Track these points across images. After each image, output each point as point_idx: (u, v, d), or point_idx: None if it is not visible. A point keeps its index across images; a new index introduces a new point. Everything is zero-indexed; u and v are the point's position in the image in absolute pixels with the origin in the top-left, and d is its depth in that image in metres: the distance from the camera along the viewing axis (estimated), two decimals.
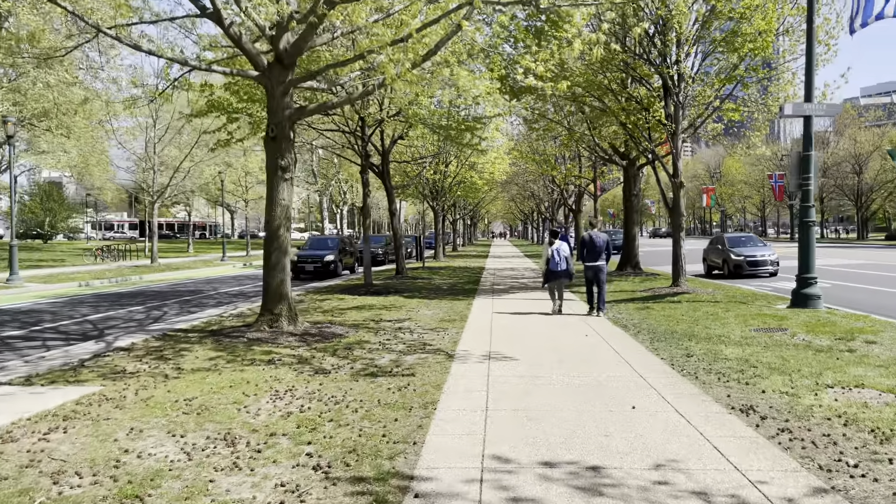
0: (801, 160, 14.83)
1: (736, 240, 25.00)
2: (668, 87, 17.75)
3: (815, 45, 14.84)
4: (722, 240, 25.07)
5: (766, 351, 9.07)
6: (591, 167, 31.23)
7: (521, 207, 71.26)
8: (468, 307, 14.94)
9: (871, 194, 70.44)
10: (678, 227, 18.10)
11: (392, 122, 22.99)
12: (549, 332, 11.00)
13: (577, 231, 37.01)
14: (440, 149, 26.54)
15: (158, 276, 28.91)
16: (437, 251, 39.05)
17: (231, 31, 10.24)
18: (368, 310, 14.36)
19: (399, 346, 9.72)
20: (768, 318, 12.61)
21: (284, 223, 10.66)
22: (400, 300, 16.39)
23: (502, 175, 38.87)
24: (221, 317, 13.52)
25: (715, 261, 24.61)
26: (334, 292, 18.51)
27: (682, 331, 11.12)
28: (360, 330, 11.26)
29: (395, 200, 24.33)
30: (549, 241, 14.02)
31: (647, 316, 13.19)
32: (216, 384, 7.33)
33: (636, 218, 24.12)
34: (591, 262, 13.56)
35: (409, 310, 14.36)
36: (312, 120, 20.39)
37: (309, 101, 15.88)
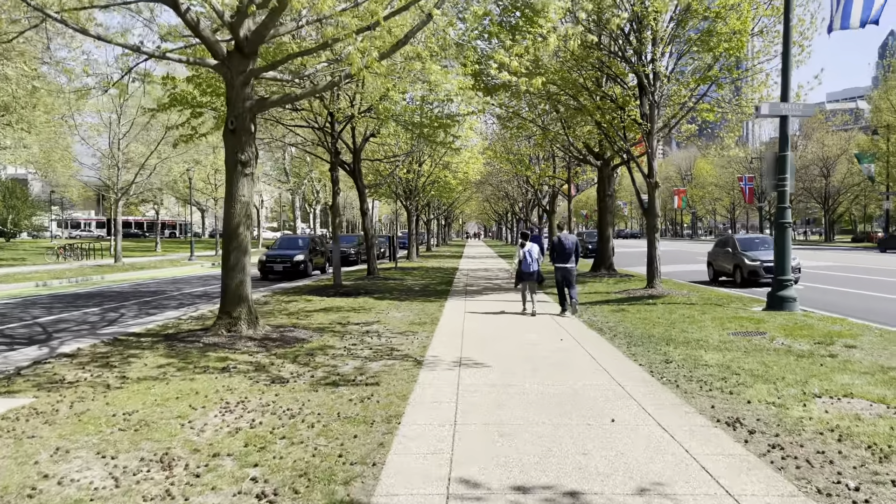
0: (777, 160, 14.61)
1: (749, 242, 21.66)
2: (644, 85, 17.46)
3: (797, 38, 14.63)
4: (732, 242, 21.82)
5: (747, 357, 8.72)
6: (565, 168, 30.93)
7: (496, 208, 71.01)
8: (440, 309, 14.45)
9: (839, 197, 71.48)
10: (653, 228, 17.82)
11: (363, 119, 22.44)
12: (522, 336, 10.56)
13: (550, 231, 36.74)
14: (413, 147, 26.02)
15: (121, 275, 27.95)
16: (411, 251, 38.50)
17: (188, 16, 9.62)
18: (336, 312, 13.79)
19: (365, 351, 9.19)
20: (745, 321, 12.33)
21: (244, 221, 10.07)
22: (370, 302, 15.85)
23: (476, 175, 38.47)
24: (179, 320, 12.85)
25: (724, 266, 21.78)
26: (302, 293, 17.89)
27: (659, 334, 10.76)
28: (325, 334, 10.70)
29: (366, 199, 23.76)
30: (521, 242, 14.02)
31: (623, 318, 12.83)
32: (161, 395, 6.73)
33: (610, 219, 23.86)
34: (561, 263, 13.61)
35: (379, 312, 13.83)
36: (281, 115, 19.75)
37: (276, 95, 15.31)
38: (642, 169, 18.03)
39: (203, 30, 9.77)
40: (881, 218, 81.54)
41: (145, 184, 37.34)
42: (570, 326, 11.83)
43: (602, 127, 18.05)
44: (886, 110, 52.58)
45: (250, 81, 9.93)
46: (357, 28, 8.90)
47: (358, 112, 17.78)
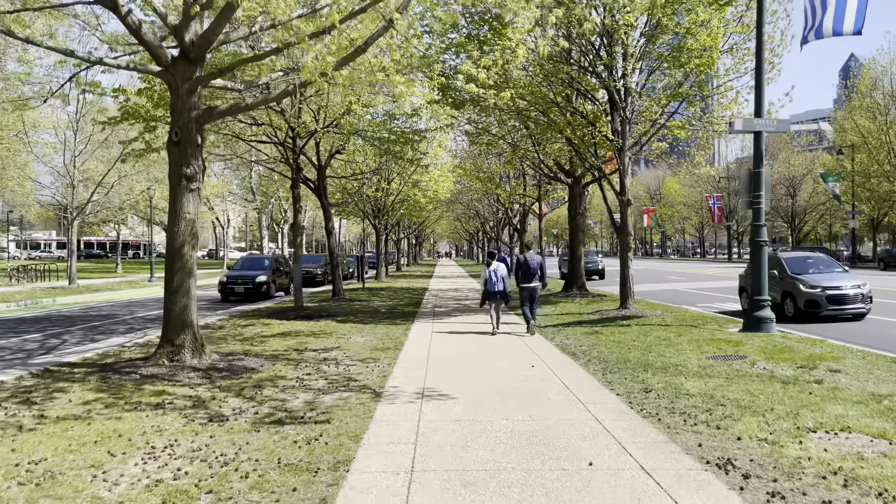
0: (752, 177, 14.25)
1: (801, 262, 16.99)
2: (615, 101, 17.08)
3: (767, 55, 14.35)
4: (777, 262, 16.83)
5: (730, 384, 8.15)
6: (535, 186, 30.53)
7: (467, 227, 70.58)
8: (405, 333, 13.71)
9: (805, 216, 72.52)
10: (626, 247, 17.35)
11: (329, 135, 21.76)
12: (492, 363, 9.87)
13: (522, 250, 36.28)
14: (381, 164, 25.38)
15: (74, 298, 26.66)
16: (379, 271, 37.67)
17: (129, 19, 8.88)
18: (294, 337, 12.96)
19: (319, 382, 8.41)
20: (723, 344, 11.82)
21: (189, 240, 9.26)
22: (331, 325, 15.04)
23: (446, 193, 37.94)
24: (123, 347, 11.91)
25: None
26: (261, 316, 17.00)
27: (636, 359, 10.16)
28: (279, 362, 9.89)
29: (331, 218, 22.99)
30: (487, 262, 14.02)
31: (597, 342, 12.23)
32: (79, 439, 5.90)
33: (581, 237, 23.40)
34: (526, 283, 13.62)
35: (340, 337, 13.04)
36: (241, 130, 18.97)
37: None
38: (614, 186, 17.60)
39: (145, 34, 9.03)
40: (846, 237, 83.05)
41: (104, 203, 36.05)
42: (541, 351, 11.18)
43: (573, 143, 17.60)
44: (851, 130, 53.43)
45: (197, 90, 9.19)
46: (311, 32, 8.24)
47: (321, 127, 17.08)
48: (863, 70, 52.67)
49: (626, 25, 15.63)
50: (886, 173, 50.54)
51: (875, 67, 51.13)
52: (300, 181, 17.32)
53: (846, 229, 77.41)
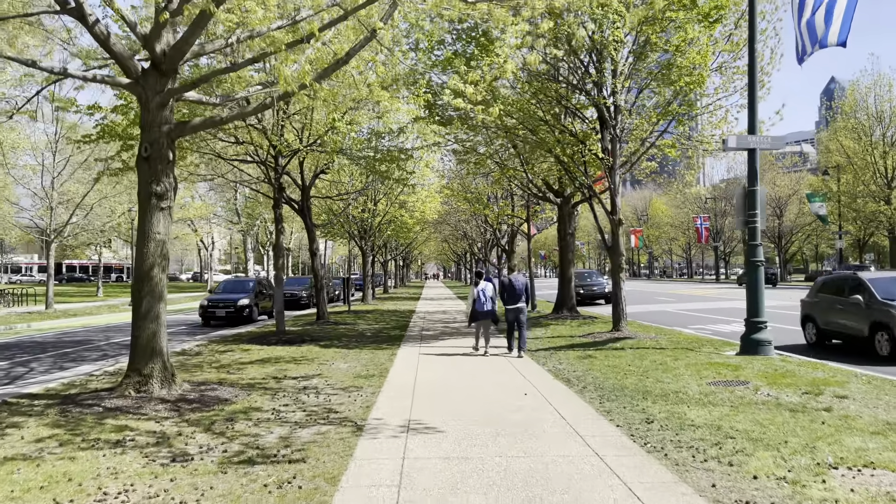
0: (747, 195, 13.90)
1: (892, 284, 13.07)
2: (605, 119, 16.75)
3: (758, 73, 14.07)
4: (861, 286, 13.33)
5: (736, 413, 7.65)
6: (523, 206, 30.15)
7: (455, 248, 70.12)
8: (391, 358, 13.13)
9: (791, 237, 72.75)
10: (618, 268, 16.91)
11: (313, 154, 21.31)
12: (482, 391, 9.32)
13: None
14: (367, 184, 24.92)
15: (50, 323, 25.84)
16: (366, 293, 37.00)
17: (96, 29, 8.39)
18: (273, 364, 12.34)
19: (297, 414, 7.82)
20: (722, 368, 11.35)
21: (159, 262, 8.69)
22: (314, 350, 14.42)
23: (434, 214, 37.51)
24: (91, 376, 11.25)
25: (845, 325, 13.71)
26: (241, 342, 16.35)
27: (633, 385, 9.65)
28: (255, 392, 9.28)
29: (316, 239, 22.44)
30: (475, 281, 13.98)
31: (591, 367, 11.71)
32: (24, 484, 5.28)
33: (571, 258, 22.97)
34: (511, 304, 13.44)
35: (322, 363, 12.43)
36: (223, 149, 18.45)
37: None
38: (605, 206, 17.20)
39: (114, 45, 8.53)
40: (832, 258, 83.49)
41: (84, 225, 35.29)
42: (533, 377, 10.64)
43: (562, 162, 17.22)
44: (836, 151, 53.71)
45: (168, 103, 8.68)
46: (289, 42, 7.78)
47: (304, 146, 16.61)
48: (847, 90, 53.08)
49: (614, 41, 15.34)
50: (872, 193, 50.74)
51: (859, 88, 51.57)
52: (283, 201, 16.78)
53: (832, 250, 77.82)
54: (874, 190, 50.49)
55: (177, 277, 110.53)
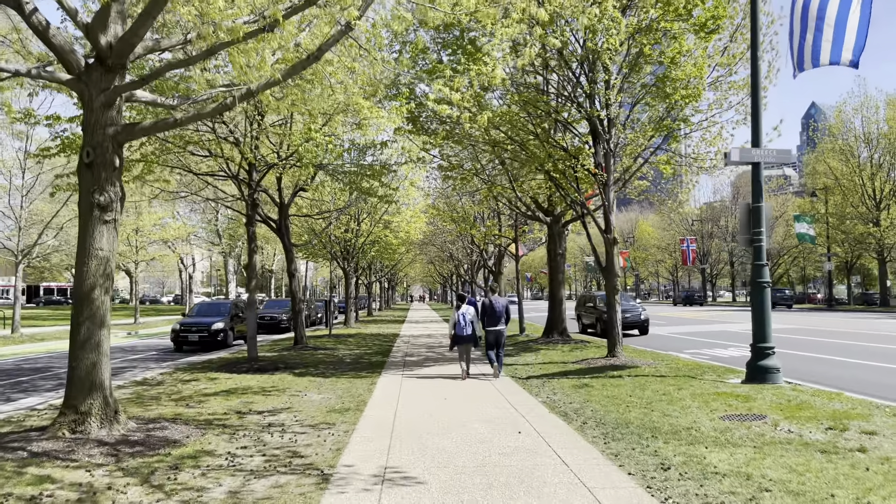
0: (752, 212, 13.06)
1: None
2: (598, 132, 15.92)
3: (761, 83, 13.30)
4: None
5: (763, 456, 6.65)
6: (511, 226, 29.27)
7: (440, 270, 69.03)
8: (370, 388, 12.03)
9: (779, 258, 72.41)
10: (613, 290, 15.96)
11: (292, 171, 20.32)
12: (470, 428, 8.25)
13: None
14: (349, 202, 23.93)
15: (13, 348, 24.42)
16: (349, 317, 35.78)
17: (34, 19, 7.38)
18: (240, 395, 11.19)
19: (255, 459, 6.72)
20: (731, 399, 10.38)
21: (101, 283, 7.60)
22: (287, 380, 13.28)
23: (419, 234, 36.53)
24: (32, 410, 10.05)
25: None
26: (210, 369, 15.16)
27: (639, 420, 8.64)
28: (212, 430, 8.15)
29: (294, 260, 21.35)
30: (457, 304, 13.96)
31: (589, 397, 10.69)
32: None
33: (562, 279, 22.01)
34: (491, 326, 13.58)
35: (294, 394, 11.30)
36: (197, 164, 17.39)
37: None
38: (598, 224, 16.30)
39: (53, 36, 7.52)
40: (818, 279, 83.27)
41: (55, 246, 33.95)
42: (526, 410, 9.59)
43: (553, 178, 16.33)
44: (823, 173, 53.51)
45: (115, 102, 7.66)
46: (250, 31, 6.81)
47: (281, 160, 15.62)
48: (834, 112, 53.00)
49: (608, 50, 14.56)
50: (861, 215, 50.45)
51: (846, 110, 51.51)
52: (255, 219, 15.71)
53: (819, 272, 77.65)
54: (863, 212, 50.22)
55: (158, 300, 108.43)
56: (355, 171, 15.93)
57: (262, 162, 15.81)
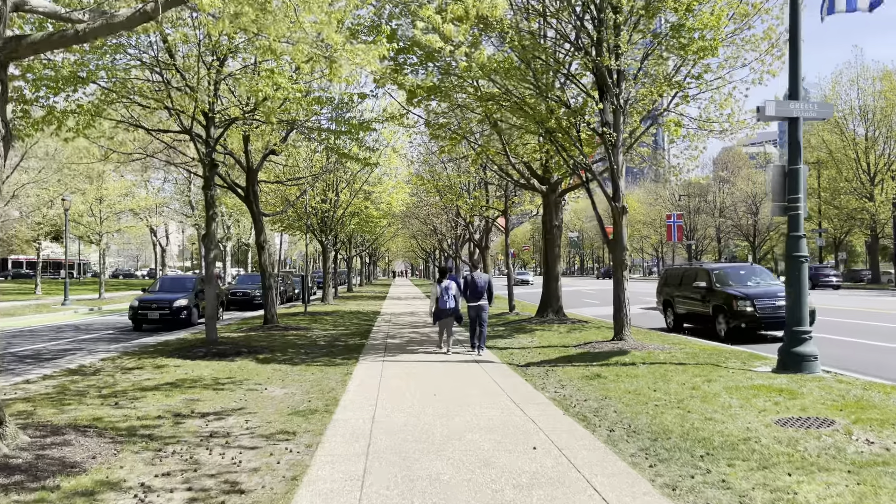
0: (788, 176, 11.27)
1: None
2: (606, 86, 13.99)
3: (801, 23, 11.40)
4: None
5: (874, 491, 4.91)
6: (499, 197, 27.35)
7: (423, 245, 66.96)
8: (345, 379, 10.18)
9: (767, 234, 71.38)
10: (621, 265, 14.19)
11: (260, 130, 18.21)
12: (470, 443, 6.41)
13: (485, 269, 32.98)
14: (325, 167, 21.88)
15: None
16: (326, 292, 33.74)
17: None
18: (186, 389, 9.27)
19: (175, 497, 4.84)
20: (773, 395, 8.70)
21: None
22: (248, 368, 11.38)
23: (401, 206, 34.52)
24: None
25: None
26: (162, 354, 13.21)
27: (678, 427, 6.89)
28: (131, 445, 6.23)
29: (263, 230, 19.32)
30: (438, 279, 13.67)
31: (606, 392, 8.93)
32: None
33: (558, 252, 20.18)
34: (473, 301, 13.39)
35: (252, 388, 9.42)
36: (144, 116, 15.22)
37: None
38: (605, 190, 14.45)
39: None
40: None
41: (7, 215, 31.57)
42: (535, 411, 7.79)
43: (554, 139, 14.40)
44: (816, 146, 52.10)
45: None
46: None
47: (243, 113, 13.53)
48: (831, 82, 51.40)
49: None
50: (855, 189, 49.21)
51: (841, 81, 49.94)
52: (213, 182, 13.64)
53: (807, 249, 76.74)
54: (857, 186, 48.98)
55: (132, 274, 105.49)
56: (331, 129, 13.93)
57: (221, 116, 13.73)
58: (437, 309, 13.21)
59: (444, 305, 13.08)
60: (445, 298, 13.08)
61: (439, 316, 13.26)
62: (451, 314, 13.22)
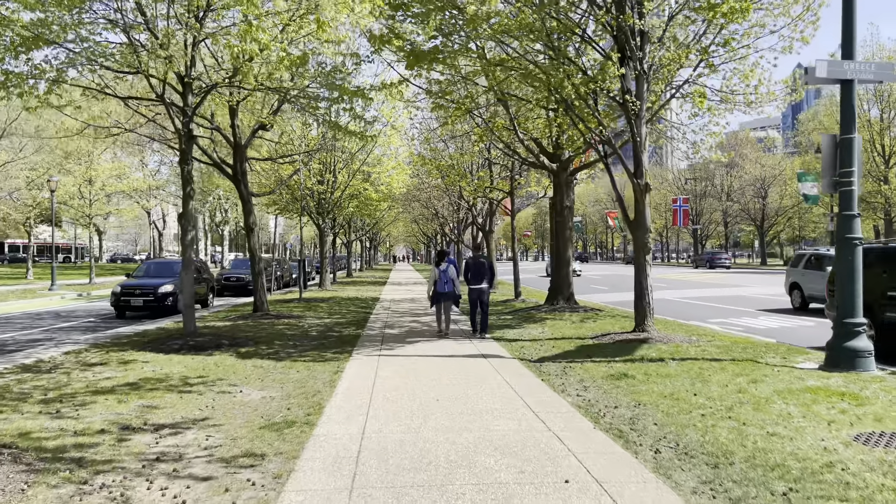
0: (840, 146, 9.89)
1: None
2: (628, 49, 12.53)
3: None
4: None
5: None
6: (505, 177, 25.91)
7: (424, 229, 65.41)
8: (334, 378, 8.86)
9: (776, 218, 69.86)
10: (643, 248, 12.82)
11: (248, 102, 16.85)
12: (482, 472, 5.06)
13: (490, 254, 31.60)
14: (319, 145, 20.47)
15: None
16: (324, 278, 32.35)
17: None
18: (145, 392, 7.93)
19: None
20: (834, 399, 7.40)
21: None
22: (226, 363, 10.05)
23: (401, 188, 33.09)
24: None
25: None
26: (134, 346, 11.88)
27: (740, 447, 5.56)
28: (48, 476, 4.87)
29: (252, 212, 17.95)
30: (436, 261, 13.66)
31: (637, 396, 7.61)
32: None
33: (570, 235, 18.77)
34: (474, 285, 13.47)
35: (224, 390, 8.09)
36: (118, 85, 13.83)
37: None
38: (626, 165, 13.03)
39: None
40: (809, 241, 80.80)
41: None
42: (559, 422, 6.45)
43: (571, 107, 12.96)
44: (829, 128, 50.43)
45: None
46: None
47: (224, 78, 12.12)
48: None
49: None
50: (869, 172, 47.68)
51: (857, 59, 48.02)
52: (191, 156, 12.23)
53: (814, 233, 75.23)
54: (871, 169, 47.44)
55: (131, 258, 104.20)
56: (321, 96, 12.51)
57: (200, 83, 12.31)
58: (434, 292, 13.27)
59: (443, 289, 13.17)
60: (444, 281, 13.16)
61: (437, 299, 13.29)
62: (449, 298, 13.27)
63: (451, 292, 13.24)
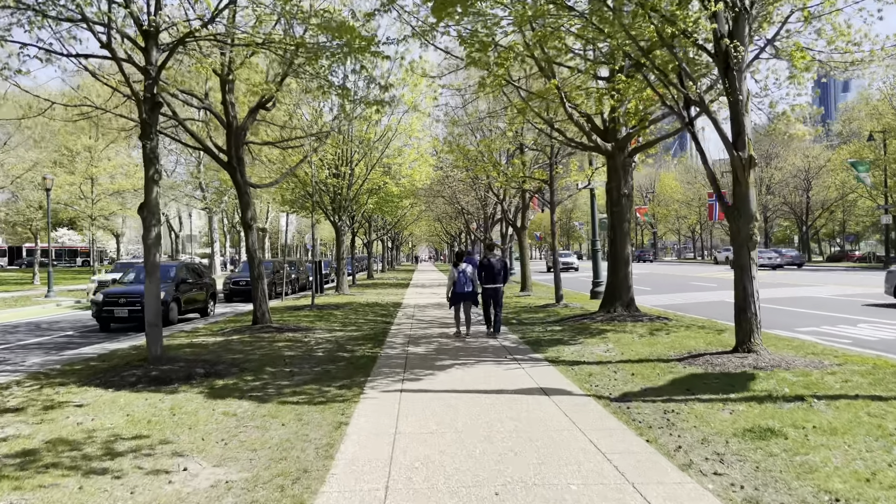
0: None
1: None
2: None
3: None
4: None
5: None
6: (544, 166, 22.88)
7: (448, 228, 62.29)
8: (332, 438, 5.96)
9: (821, 212, 65.77)
10: (748, 242, 9.72)
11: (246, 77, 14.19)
12: None
13: (522, 253, 28.55)
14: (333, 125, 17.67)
15: None
16: (340, 280, 29.47)
17: None
18: (30, 475, 5.08)
19: None
20: None
21: None
22: (187, 408, 7.19)
23: (424, 181, 30.17)
24: None
25: None
26: (81, 377, 9.07)
27: None
28: None
29: (250, 205, 15.15)
30: (454, 262, 13.61)
31: (824, 482, 4.62)
32: None
33: (627, 228, 15.63)
34: (489, 284, 13.37)
35: (159, 467, 5.22)
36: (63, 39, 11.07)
37: None
38: (724, 133, 9.94)
39: None
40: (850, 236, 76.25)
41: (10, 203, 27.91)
42: None
43: (653, 59, 9.89)
44: (886, 113, 46.68)
45: None
46: None
47: (202, 24, 9.30)
48: None
49: None
50: None
51: None
52: (155, 129, 9.40)
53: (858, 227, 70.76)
54: None
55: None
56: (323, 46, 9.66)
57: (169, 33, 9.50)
58: (454, 293, 13.29)
59: (462, 289, 13.21)
60: (463, 282, 13.20)
61: (457, 299, 13.30)
62: (468, 298, 13.29)
63: (471, 292, 13.27)
